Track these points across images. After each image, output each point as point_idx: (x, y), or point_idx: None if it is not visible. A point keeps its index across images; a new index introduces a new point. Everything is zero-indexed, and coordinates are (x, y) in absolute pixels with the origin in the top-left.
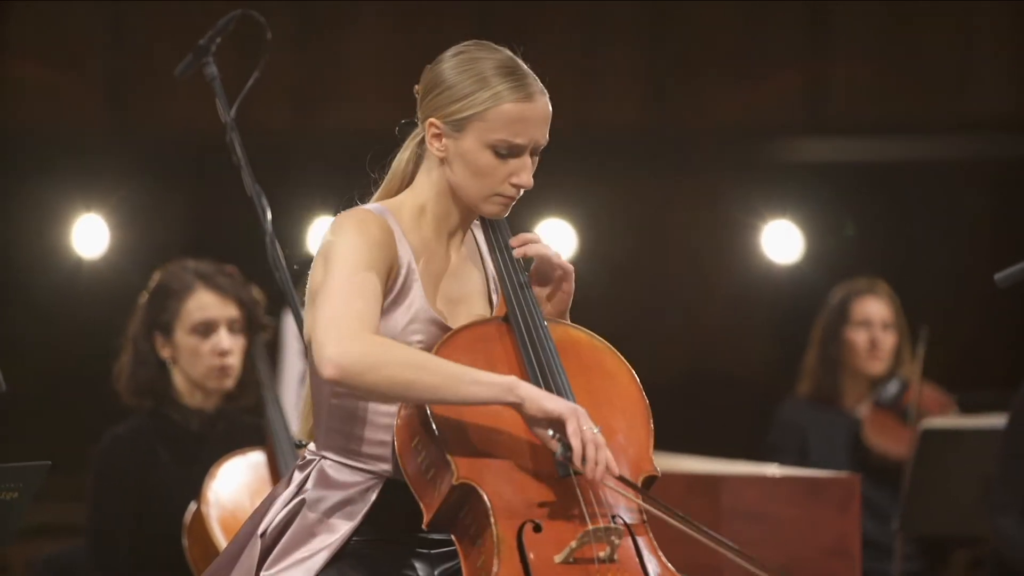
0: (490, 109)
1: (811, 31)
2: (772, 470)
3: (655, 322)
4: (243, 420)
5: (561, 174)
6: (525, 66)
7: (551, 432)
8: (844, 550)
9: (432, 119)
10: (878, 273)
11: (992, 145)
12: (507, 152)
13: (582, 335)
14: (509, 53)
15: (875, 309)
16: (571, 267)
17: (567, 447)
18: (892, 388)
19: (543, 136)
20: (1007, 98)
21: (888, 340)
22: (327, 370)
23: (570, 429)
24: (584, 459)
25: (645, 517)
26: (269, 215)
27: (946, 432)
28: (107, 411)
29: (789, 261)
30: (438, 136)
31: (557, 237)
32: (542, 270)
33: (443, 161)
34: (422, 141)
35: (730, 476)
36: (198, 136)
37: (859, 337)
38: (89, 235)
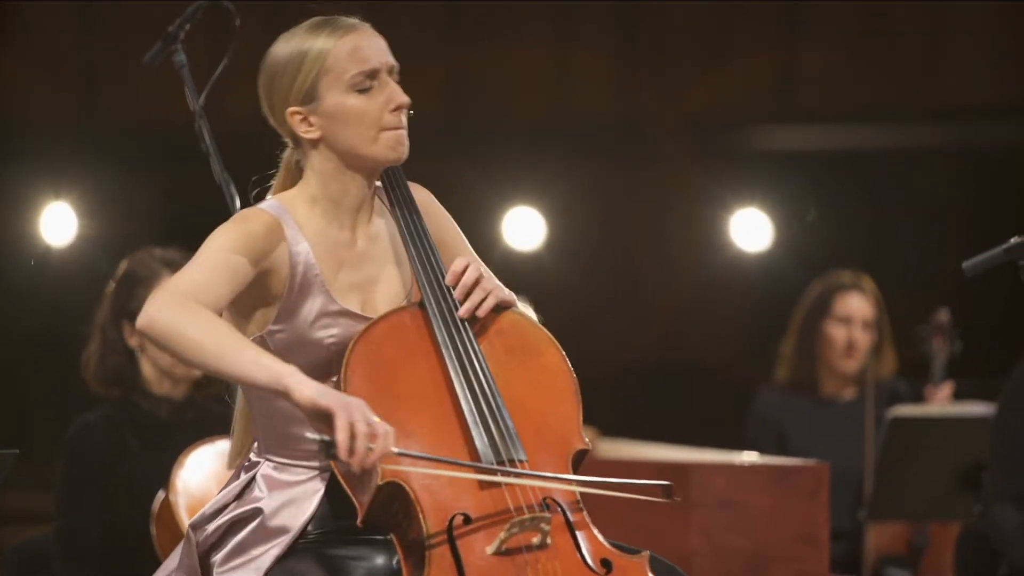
0: (327, 58)
1: (781, 18)
2: (741, 458)
3: (624, 310)
4: (212, 409)
5: (530, 162)
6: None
7: (316, 431)
8: (813, 537)
9: (289, 109)
10: (848, 261)
11: (964, 133)
12: (367, 84)
13: (503, 311)
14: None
15: (857, 306)
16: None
17: (331, 443)
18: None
19: (389, 56)
20: (979, 85)
21: (865, 340)
22: (139, 321)
23: (338, 423)
24: (352, 452)
25: (579, 496)
26: (238, 203)
27: (915, 420)
28: (76, 399)
29: (759, 249)
30: (304, 119)
31: (526, 225)
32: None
33: (321, 140)
34: (296, 142)
35: (699, 464)
36: (167, 124)
37: (838, 333)
38: (57, 223)
